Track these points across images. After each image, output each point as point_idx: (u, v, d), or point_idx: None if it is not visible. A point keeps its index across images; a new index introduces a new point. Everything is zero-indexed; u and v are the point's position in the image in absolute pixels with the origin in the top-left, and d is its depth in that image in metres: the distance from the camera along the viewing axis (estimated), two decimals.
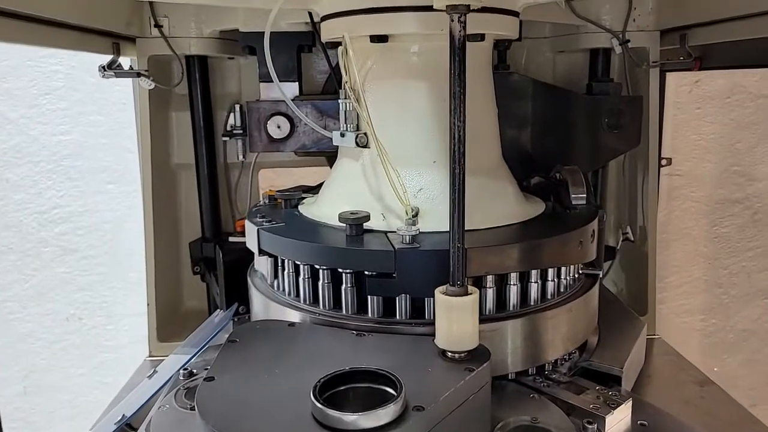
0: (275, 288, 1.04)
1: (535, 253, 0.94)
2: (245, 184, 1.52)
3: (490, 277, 0.93)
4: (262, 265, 1.05)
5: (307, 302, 0.99)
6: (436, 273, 0.85)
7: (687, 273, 2.25)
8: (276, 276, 1.03)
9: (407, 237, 0.91)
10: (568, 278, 1.03)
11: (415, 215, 0.97)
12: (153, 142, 1.38)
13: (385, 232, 0.97)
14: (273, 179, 1.70)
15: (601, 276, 1.10)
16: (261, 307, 1.03)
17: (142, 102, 1.36)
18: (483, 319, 0.91)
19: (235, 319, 1.21)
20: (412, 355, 0.83)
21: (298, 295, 1.00)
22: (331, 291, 0.96)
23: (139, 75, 1.30)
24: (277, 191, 1.15)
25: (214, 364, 0.80)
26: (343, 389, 0.73)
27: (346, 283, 0.94)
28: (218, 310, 1.27)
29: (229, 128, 1.45)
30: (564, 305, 0.98)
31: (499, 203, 1.05)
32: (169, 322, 1.49)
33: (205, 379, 0.76)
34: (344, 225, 0.96)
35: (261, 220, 1.04)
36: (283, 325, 0.93)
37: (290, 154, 1.43)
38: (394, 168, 0.95)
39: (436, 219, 0.98)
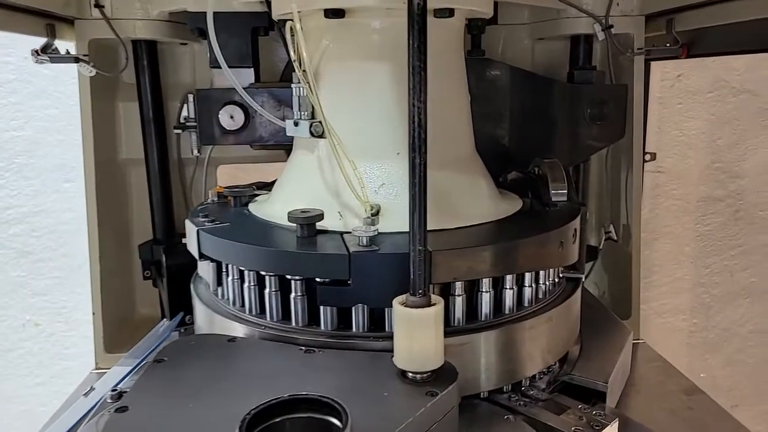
0: (219, 296, 0.91)
1: (511, 255, 0.81)
2: (201, 182, 1.38)
3: (459, 284, 0.80)
4: (204, 270, 0.91)
5: (253, 313, 0.85)
6: (397, 280, 0.72)
7: (669, 272, 2.15)
8: (219, 283, 0.89)
9: (364, 239, 0.78)
10: (547, 283, 0.91)
11: (376, 214, 0.85)
12: (96, 135, 1.23)
13: (342, 233, 0.84)
14: (237, 176, 1.56)
15: (583, 279, 0.98)
16: (203, 318, 0.89)
17: (82, 91, 1.21)
18: (451, 331, 0.79)
19: (182, 330, 1.07)
20: (367, 375, 0.70)
21: (243, 305, 0.86)
22: (279, 300, 0.83)
23: (77, 60, 1.15)
24: (226, 188, 1.02)
25: (132, 391, 0.67)
26: (279, 421, 0.60)
27: (296, 292, 0.81)
28: (164, 319, 1.13)
29: (182, 120, 1.31)
30: (543, 314, 0.86)
31: (470, 200, 0.92)
32: (120, 331, 1.34)
33: (116, 410, 0.62)
34: (295, 225, 0.82)
35: (203, 219, 0.90)
36: (222, 340, 0.79)
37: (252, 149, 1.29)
38: (350, 160, 0.82)
39: (400, 218, 0.84)
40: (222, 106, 1.13)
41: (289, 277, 0.81)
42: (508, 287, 0.85)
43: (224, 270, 0.88)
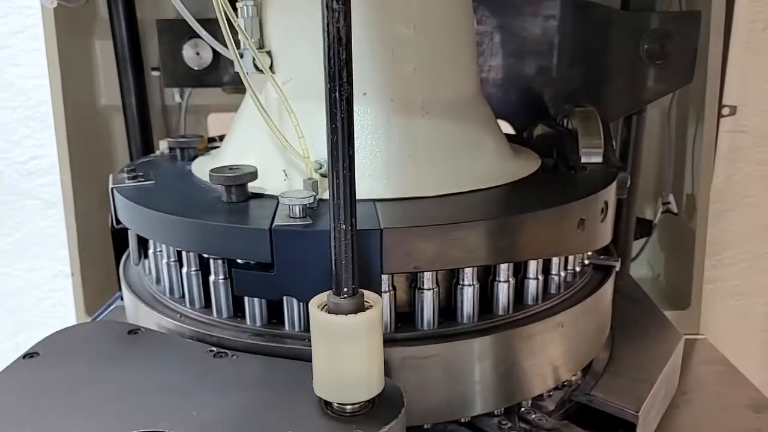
0: (146, 272, 0.71)
1: (501, 237, 0.56)
2: (188, 132, 1.18)
3: (428, 275, 0.57)
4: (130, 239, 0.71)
5: (175, 296, 0.65)
6: None
7: (746, 249, 1.79)
8: (140, 256, 0.70)
9: (296, 208, 0.55)
10: (562, 274, 0.66)
11: (326, 175, 0.62)
12: (65, 77, 1.05)
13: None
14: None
15: (616, 268, 0.72)
16: (127, 299, 0.70)
17: (46, 26, 1.04)
18: (416, 338, 0.56)
19: None
20: (279, 399, 0.49)
21: (165, 286, 0.66)
22: (200, 284, 0.62)
23: None
24: (171, 138, 0.81)
25: None
26: None
27: (216, 274, 0.60)
28: None
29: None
30: (552, 317, 0.61)
31: (465, 158, 0.67)
32: (103, 293, 1.19)
33: None
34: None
35: (127, 176, 0.70)
36: (121, 331, 0.60)
37: None
38: (284, 97, 0.60)
39: (364, 179, 0.62)
40: (187, 40, 0.92)
41: (206, 255, 0.60)
42: (501, 279, 0.60)
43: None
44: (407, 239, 0.53)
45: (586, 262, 0.71)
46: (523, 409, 0.66)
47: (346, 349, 0.46)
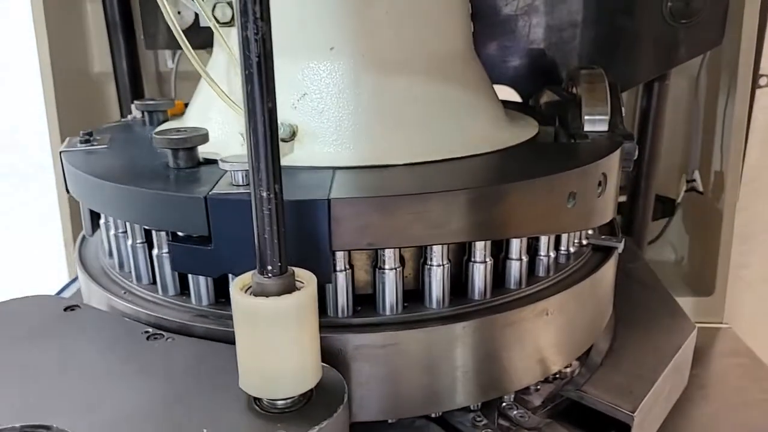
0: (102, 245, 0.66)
1: (475, 211, 0.48)
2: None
3: (389, 252, 0.49)
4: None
5: (123, 271, 0.60)
6: (288, 242, 0.43)
7: None
8: (93, 227, 0.64)
9: (239, 174, 0.48)
10: (552, 255, 0.57)
11: (290, 137, 0.55)
12: (52, 41, 1.00)
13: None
14: None
15: (618, 250, 0.63)
16: (79, 271, 0.64)
17: None
18: (374, 324, 0.49)
19: None
20: (209, 388, 0.43)
21: (112, 256, 0.61)
22: (147, 258, 0.56)
23: None
24: (138, 101, 0.75)
25: None
26: None
27: (159, 248, 0.54)
28: None
29: None
30: (534, 304, 0.53)
31: (447, 124, 0.59)
32: None
33: None
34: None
35: (81, 139, 0.64)
36: (56, 308, 0.54)
37: None
38: (234, 56, 0.52)
39: (327, 145, 0.55)
40: None
41: (146, 227, 0.54)
42: (477, 260, 0.52)
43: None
44: (360, 211, 0.46)
45: (584, 242, 0.62)
46: (504, 404, 0.58)
47: (272, 336, 0.39)
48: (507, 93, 0.97)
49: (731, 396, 0.85)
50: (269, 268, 0.38)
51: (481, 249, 0.52)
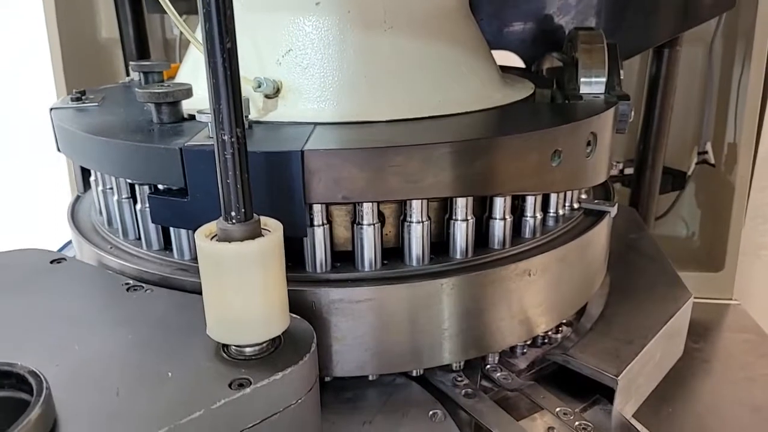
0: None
1: (452, 165, 0.47)
2: None
3: (368, 206, 0.49)
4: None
5: (112, 227, 0.60)
6: (264, 194, 0.43)
7: None
8: (84, 184, 0.65)
9: None
10: (539, 216, 0.56)
11: (274, 94, 0.54)
12: (59, 7, 1.01)
13: None
14: None
15: (610, 214, 0.61)
16: (71, 228, 0.65)
17: None
18: (350, 279, 0.49)
19: None
20: (180, 336, 0.43)
21: (102, 213, 0.61)
22: (132, 213, 0.56)
23: None
24: (135, 63, 0.75)
25: None
26: None
27: (143, 203, 0.54)
28: None
29: None
30: (516, 263, 0.52)
31: (434, 82, 0.58)
32: None
33: None
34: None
35: (73, 97, 0.65)
36: (43, 261, 0.55)
37: None
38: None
39: (310, 101, 0.54)
40: None
41: (130, 180, 0.54)
42: (458, 218, 0.51)
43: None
44: (334, 164, 0.45)
45: (576, 205, 0.61)
46: (488, 365, 0.57)
47: (236, 281, 0.39)
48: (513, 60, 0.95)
49: (735, 371, 0.84)
50: (233, 213, 0.38)
51: (462, 207, 0.51)
